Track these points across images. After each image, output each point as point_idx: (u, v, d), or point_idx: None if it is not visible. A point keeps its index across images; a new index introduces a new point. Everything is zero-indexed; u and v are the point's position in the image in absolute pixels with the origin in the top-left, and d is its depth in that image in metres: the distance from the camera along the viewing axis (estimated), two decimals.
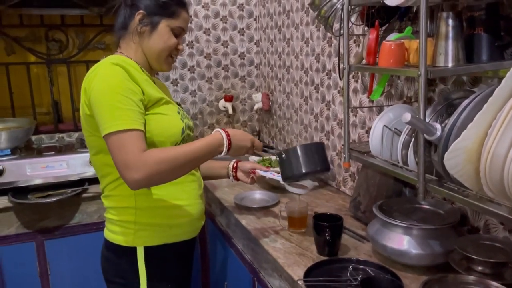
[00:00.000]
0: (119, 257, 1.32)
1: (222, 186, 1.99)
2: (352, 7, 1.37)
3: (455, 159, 0.91)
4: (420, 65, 1.00)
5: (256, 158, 2.07)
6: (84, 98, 1.21)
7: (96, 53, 2.48)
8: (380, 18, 1.38)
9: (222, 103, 2.69)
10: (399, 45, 1.17)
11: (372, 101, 1.68)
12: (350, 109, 1.75)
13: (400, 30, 1.39)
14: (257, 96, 2.69)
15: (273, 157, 2.07)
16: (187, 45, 2.59)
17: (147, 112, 1.22)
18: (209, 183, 1.98)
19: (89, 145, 1.29)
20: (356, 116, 1.79)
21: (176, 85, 2.60)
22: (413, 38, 1.23)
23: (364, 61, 1.34)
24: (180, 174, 1.21)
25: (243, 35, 2.69)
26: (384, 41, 1.19)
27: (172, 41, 1.29)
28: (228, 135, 1.26)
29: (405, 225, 1.21)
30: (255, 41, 2.72)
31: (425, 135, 1.04)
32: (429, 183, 1.07)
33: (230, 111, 2.68)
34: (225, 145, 1.25)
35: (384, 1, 1.21)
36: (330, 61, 1.96)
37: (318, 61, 2.06)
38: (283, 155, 1.34)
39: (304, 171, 1.31)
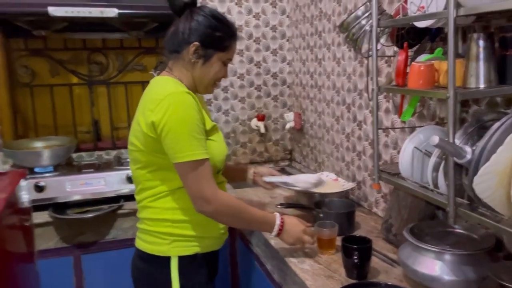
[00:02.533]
0: (151, 267, 1.36)
1: (253, 205, 1.99)
2: (381, 28, 1.37)
3: (486, 183, 0.89)
4: (449, 87, 0.99)
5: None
6: (151, 119, 1.24)
7: (134, 75, 2.58)
8: (410, 39, 1.37)
9: (254, 122, 2.72)
10: (429, 66, 1.16)
11: (403, 122, 1.66)
12: (381, 130, 1.74)
13: (432, 51, 1.37)
14: (289, 115, 2.70)
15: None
16: None
17: None
18: None
19: (135, 159, 1.35)
20: (388, 136, 1.77)
21: (210, 105, 2.65)
22: (443, 59, 1.22)
23: (394, 82, 1.34)
24: (231, 224, 1.42)
25: (275, 55, 2.73)
26: (413, 63, 1.19)
27: (222, 72, 1.38)
28: (281, 223, 1.41)
29: (437, 249, 1.18)
30: (287, 61, 2.75)
31: (455, 158, 1.02)
32: (460, 207, 1.04)
33: (262, 130, 2.70)
34: (275, 231, 1.40)
35: (413, 22, 1.21)
36: (361, 81, 1.96)
37: (349, 81, 2.06)
38: (321, 215, 1.63)
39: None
